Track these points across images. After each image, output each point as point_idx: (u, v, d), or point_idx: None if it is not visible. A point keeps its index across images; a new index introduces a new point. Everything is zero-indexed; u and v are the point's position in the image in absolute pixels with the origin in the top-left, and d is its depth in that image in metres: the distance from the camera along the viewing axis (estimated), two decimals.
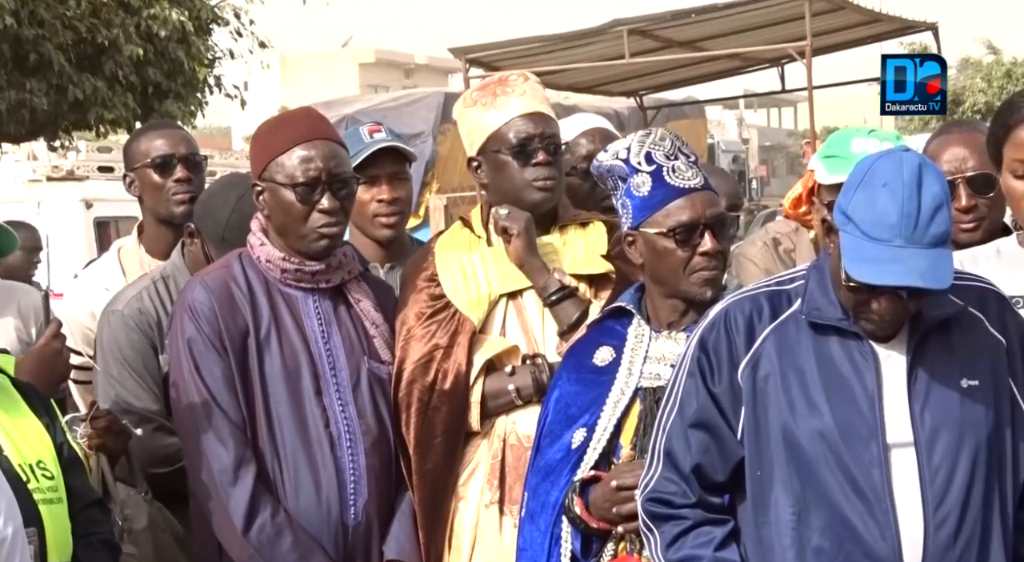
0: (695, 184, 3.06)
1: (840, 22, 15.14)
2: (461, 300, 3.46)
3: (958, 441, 2.65)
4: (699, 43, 15.51)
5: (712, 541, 2.76)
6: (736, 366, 2.76)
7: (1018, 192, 3.09)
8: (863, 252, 2.58)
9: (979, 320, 2.75)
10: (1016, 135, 3.09)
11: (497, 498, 3.42)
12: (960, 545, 2.62)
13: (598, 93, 17.53)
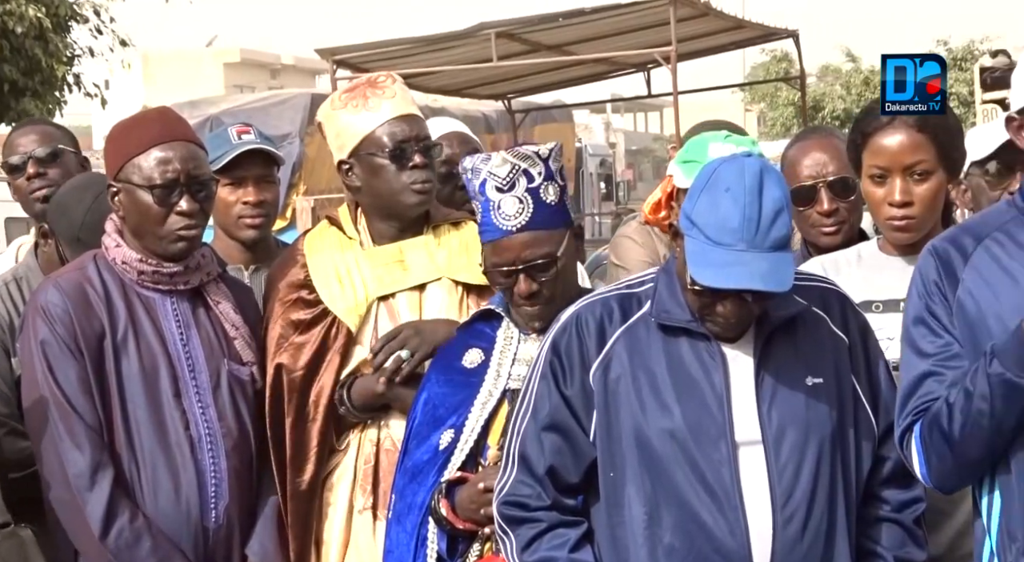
0: (514, 226, 3.03)
1: (704, 28, 15.33)
2: (338, 306, 3.44)
3: (804, 438, 2.70)
4: (567, 47, 15.59)
5: (567, 542, 2.77)
6: (588, 368, 2.78)
7: (877, 197, 3.15)
8: (707, 256, 2.62)
9: (822, 319, 2.80)
10: (874, 142, 3.15)
11: (371, 504, 3.41)
12: (807, 539, 2.68)
13: (466, 96, 17.53)
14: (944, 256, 2.69)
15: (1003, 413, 2.54)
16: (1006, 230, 2.67)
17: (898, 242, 3.17)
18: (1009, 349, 2.52)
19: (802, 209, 3.63)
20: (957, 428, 2.58)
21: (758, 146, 2.99)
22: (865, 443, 2.79)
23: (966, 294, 2.64)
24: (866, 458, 2.79)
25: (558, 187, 3.07)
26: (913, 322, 2.72)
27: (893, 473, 2.82)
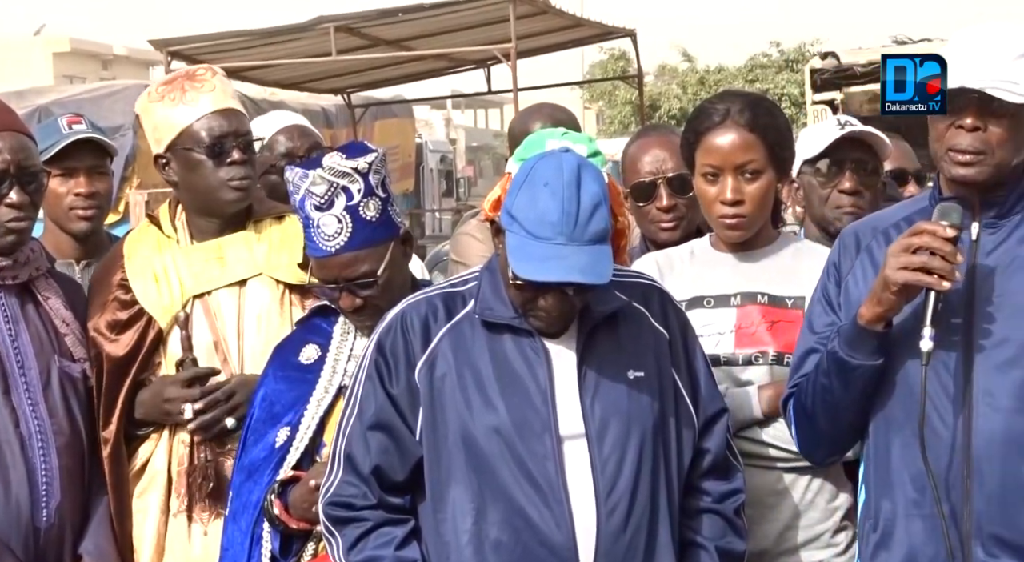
0: (333, 247, 3.01)
1: (543, 26, 15.45)
2: (153, 305, 3.40)
3: (626, 431, 2.75)
4: (407, 42, 15.56)
5: (393, 541, 2.78)
6: (413, 367, 2.79)
7: (709, 195, 3.21)
8: (527, 250, 2.65)
9: (643, 314, 2.86)
10: (707, 141, 3.21)
11: (185, 507, 3.37)
12: (630, 530, 2.72)
13: (305, 90, 17.36)
14: (848, 240, 2.86)
15: (840, 390, 2.72)
16: (910, 219, 2.80)
17: (729, 239, 3.24)
18: (846, 328, 2.70)
19: (641, 205, 3.69)
20: (810, 402, 2.79)
21: (595, 143, 3.02)
22: (686, 435, 2.85)
23: (854, 276, 2.81)
24: (687, 450, 2.85)
25: (379, 201, 3.04)
26: (813, 300, 2.91)
27: (713, 465, 2.89)
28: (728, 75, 32.77)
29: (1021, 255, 2.70)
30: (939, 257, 2.57)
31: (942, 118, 2.68)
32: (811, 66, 15.78)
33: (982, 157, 2.65)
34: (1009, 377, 2.63)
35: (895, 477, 2.72)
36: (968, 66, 2.63)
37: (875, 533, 2.77)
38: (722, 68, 33.81)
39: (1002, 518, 2.63)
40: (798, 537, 3.10)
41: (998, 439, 2.62)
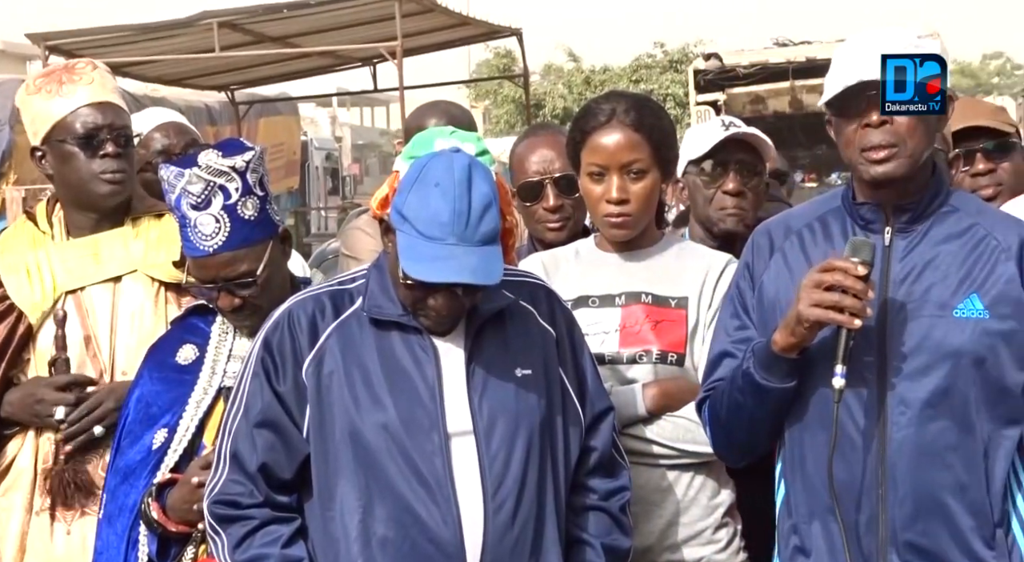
0: (211, 247, 2.97)
1: (430, 24, 15.41)
2: (24, 300, 3.35)
3: (514, 428, 2.76)
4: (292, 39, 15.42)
5: (279, 539, 2.75)
6: (300, 364, 2.77)
7: (595, 195, 3.22)
8: (418, 250, 2.65)
9: (531, 313, 2.87)
10: (593, 140, 3.22)
11: (48, 505, 3.32)
12: (518, 526, 2.73)
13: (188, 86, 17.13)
14: (760, 241, 2.86)
15: (754, 408, 2.74)
16: (823, 219, 2.82)
17: (614, 238, 3.25)
18: (761, 350, 2.70)
19: (529, 204, 3.69)
20: (724, 413, 2.81)
21: (483, 142, 3.02)
22: (573, 433, 2.86)
23: (769, 279, 2.82)
24: (574, 448, 2.86)
25: (258, 200, 3.00)
26: (725, 302, 2.91)
27: (599, 463, 2.90)
28: (613, 75, 33.00)
29: (933, 260, 2.71)
30: (851, 295, 2.58)
31: (847, 122, 2.70)
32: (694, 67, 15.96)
33: (896, 150, 2.67)
34: (922, 384, 2.66)
35: (811, 482, 2.74)
36: (864, 63, 2.66)
37: (795, 534, 2.78)
38: (607, 68, 34.05)
39: (916, 525, 2.66)
40: (680, 534, 3.12)
41: (912, 448, 2.65)
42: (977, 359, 2.65)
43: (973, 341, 2.65)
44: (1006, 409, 2.68)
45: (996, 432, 2.67)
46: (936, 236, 2.73)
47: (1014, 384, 2.67)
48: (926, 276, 2.70)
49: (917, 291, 2.69)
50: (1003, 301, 2.67)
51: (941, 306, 2.67)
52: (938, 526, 2.65)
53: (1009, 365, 2.66)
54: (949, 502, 2.65)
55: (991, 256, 2.70)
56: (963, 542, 2.66)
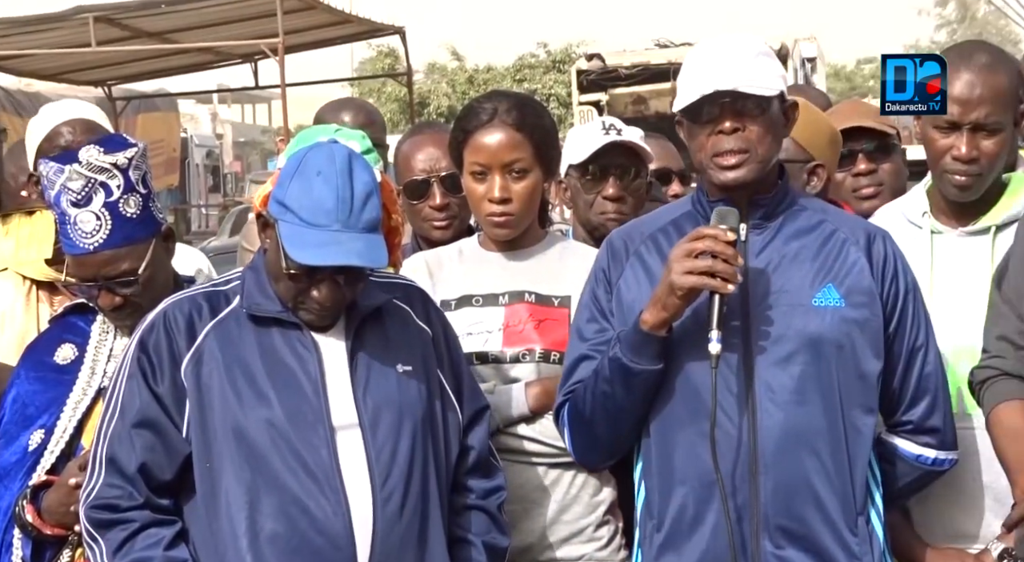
0: (91, 245, 2.93)
1: (312, 21, 15.33)
2: None
3: (399, 421, 2.77)
4: (170, 35, 15.23)
5: (161, 541, 2.73)
6: (178, 364, 2.76)
7: (477, 194, 3.23)
8: (303, 237, 2.66)
9: (407, 312, 2.89)
10: (475, 139, 3.22)
11: None
12: (406, 517, 2.74)
13: (63, 81, 16.83)
14: (616, 246, 2.90)
15: (622, 396, 2.77)
16: (676, 223, 2.88)
17: (497, 238, 3.26)
18: (628, 334, 2.75)
19: (414, 203, 3.68)
20: (588, 409, 2.82)
21: (367, 140, 3.01)
22: (452, 432, 2.88)
23: (626, 282, 2.86)
24: (454, 446, 2.88)
25: (140, 197, 2.96)
26: (580, 306, 2.94)
27: (477, 462, 2.92)
28: (497, 74, 33.07)
29: (788, 253, 2.79)
30: (721, 261, 2.64)
31: (700, 128, 2.76)
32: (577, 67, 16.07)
33: (746, 156, 2.74)
34: (788, 372, 2.73)
35: (681, 475, 2.77)
36: (715, 71, 2.72)
37: (659, 533, 2.80)
38: (491, 67, 34.12)
39: (787, 510, 2.72)
40: (562, 532, 3.14)
41: (781, 434, 2.71)
42: (837, 346, 2.73)
43: (832, 328, 2.73)
44: (863, 397, 2.77)
45: (856, 419, 2.75)
46: (789, 231, 2.82)
47: (870, 371, 2.77)
48: (783, 268, 2.77)
49: (776, 283, 2.76)
50: (857, 291, 2.76)
51: (800, 296, 2.75)
52: (809, 511, 2.72)
53: (865, 352, 2.76)
54: (818, 487, 2.72)
55: (842, 248, 2.80)
56: (832, 527, 2.73)
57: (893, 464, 2.88)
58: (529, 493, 3.11)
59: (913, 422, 2.87)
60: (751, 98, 2.73)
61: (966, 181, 3.01)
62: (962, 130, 2.99)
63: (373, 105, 4.53)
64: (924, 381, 2.86)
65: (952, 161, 3.01)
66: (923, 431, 2.87)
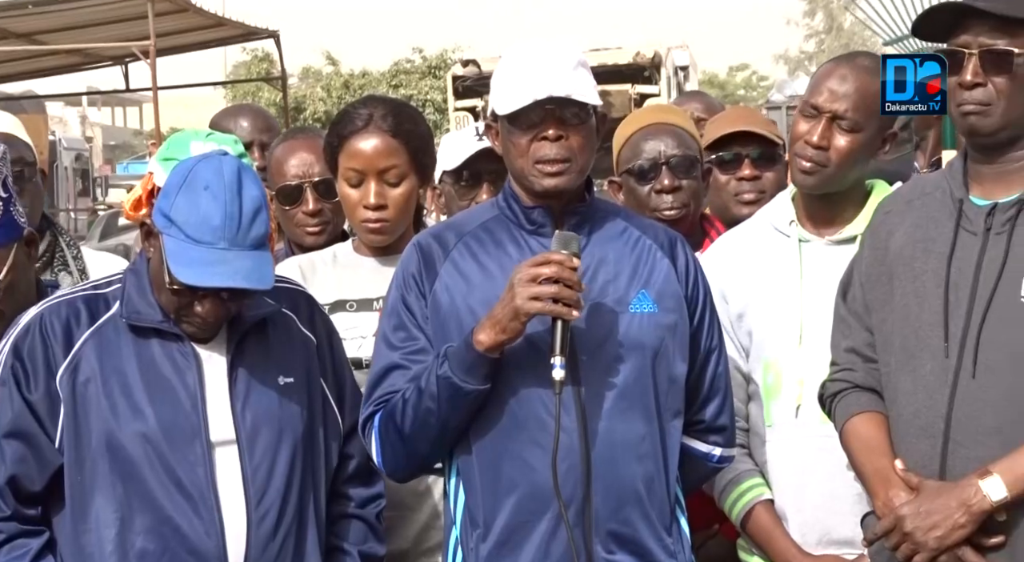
0: None
1: (184, 24, 15.15)
2: None
3: (277, 437, 2.74)
4: (38, 36, 14.94)
5: (28, 553, 2.68)
6: (54, 372, 2.70)
7: (353, 200, 3.22)
8: (188, 254, 2.61)
9: (292, 320, 2.85)
10: (350, 145, 3.22)
11: None
12: (280, 536, 2.71)
13: None
14: (426, 250, 2.81)
15: (448, 413, 2.69)
16: (487, 227, 2.82)
17: (372, 243, 3.26)
18: (459, 353, 2.66)
19: (288, 208, 3.65)
20: (408, 424, 2.71)
21: (240, 145, 2.99)
22: (332, 442, 2.86)
23: (442, 288, 2.77)
24: (334, 456, 2.86)
25: (1, 201, 2.88)
26: (387, 313, 2.82)
27: (357, 471, 2.90)
28: (372, 80, 32.95)
29: (603, 260, 2.79)
30: (566, 287, 2.61)
31: (522, 133, 2.74)
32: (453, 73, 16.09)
33: (568, 165, 2.73)
34: (613, 378, 2.72)
35: (510, 485, 2.72)
36: (538, 79, 2.70)
37: (486, 542, 2.74)
38: (367, 72, 33.99)
39: (617, 516, 2.72)
40: (436, 538, 3.13)
41: (610, 440, 2.71)
42: (655, 351, 2.75)
43: (650, 334, 2.75)
44: (675, 400, 2.80)
45: (669, 423, 2.79)
46: (600, 238, 2.81)
47: (679, 375, 2.80)
48: (600, 275, 2.77)
49: (594, 289, 2.75)
50: (666, 295, 2.79)
51: (618, 302, 2.76)
52: (636, 515, 2.74)
53: (676, 357, 2.79)
54: (643, 491, 2.74)
55: (649, 254, 2.82)
56: (653, 528, 2.75)
57: (684, 463, 2.88)
58: (404, 499, 3.11)
59: (705, 421, 2.89)
60: (575, 107, 2.72)
61: (810, 167, 3.07)
62: (821, 117, 3.07)
63: (269, 113, 4.49)
64: (716, 381, 2.89)
65: (803, 145, 3.08)
66: (713, 430, 2.90)
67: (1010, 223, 2.69)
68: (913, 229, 2.81)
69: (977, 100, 2.69)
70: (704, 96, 5.19)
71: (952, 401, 2.68)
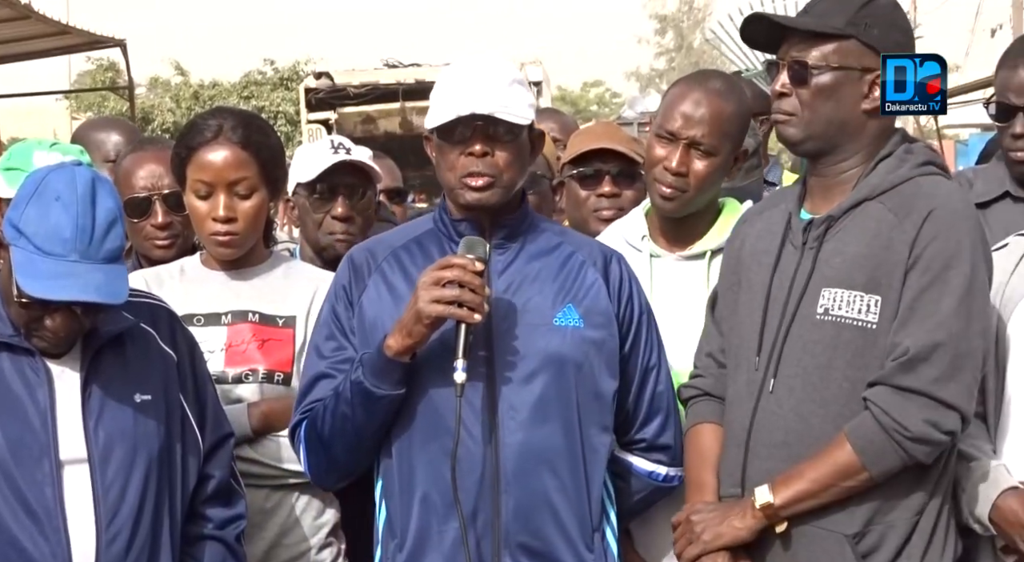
0: None
1: (27, 31, 14.77)
2: None
3: (132, 456, 2.69)
4: None
5: None
6: None
7: (201, 212, 3.17)
8: (36, 267, 2.55)
9: (151, 335, 2.80)
10: (199, 157, 3.17)
11: None
12: (132, 558, 2.66)
13: None
14: (357, 262, 2.87)
15: (364, 419, 2.73)
16: (419, 242, 2.87)
17: (221, 257, 3.21)
18: (371, 359, 2.71)
19: (136, 221, 3.57)
20: (327, 429, 2.76)
21: (86, 155, 2.92)
22: (191, 461, 2.81)
23: (368, 299, 2.82)
24: (192, 476, 2.81)
25: None
26: (319, 323, 2.89)
27: (217, 490, 2.86)
28: (223, 91, 32.53)
29: (530, 273, 2.83)
30: (469, 290, 2.65)
31: (451, 148, 2.78)
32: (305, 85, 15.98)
33: (493, 180, 2.77)
34: (529, 390, 2.75)
35: (422, 494, 2.76)
36: (472, 94, 2.74)
37: (402, 552, 2.78)
38: (217, 83, 33.54)
39: (527, 528, 2.74)
40: (283, 555, 3.11)
41: (522, 452, 2.73)
42: (576, 365, 2.78)
43: (572, 348, 2.78)
44: (600, 416, 2.82)
45: (593, 438, 2.81)
46: (530, 252, 2.86)
47: (606, 391, 2.83)
48: (525, 288, 2.81)
49: (519, 302, 2.80)
50: (594, 311, 2.83)
51: (542, 315, 2.79)
52: (549, 528, 2.76)
53: (602, 372, 2.82)
54: (557, 504, 2.76)
55: (580, 270, 2.86)
56: (571, 543, 2.78)
57: (627, 481, 2.95)
58: (251, 516, 3.06)
59: (646, 440, 2.95)
60: (504, 124, 2.76)
61: (670, 193, 3.13)
62: (678, 143, 3.12)
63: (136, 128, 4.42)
64: (657, 400, 2.94)
65: (662, 171, 3.13)
66: (656, 448, 2.95)
67: (819, 239, 2.77)
68: (755, 240, 2.90)
69: (784, 110, 2.81)
70: (559, 115, 5.23)
71: (754, 413, 2.77)
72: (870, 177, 2.78)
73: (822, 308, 2.71)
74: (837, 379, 2.70)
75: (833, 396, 2.70)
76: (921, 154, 2.83)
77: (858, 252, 2.71)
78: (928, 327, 2.64)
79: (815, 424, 2.70)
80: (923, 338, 2.64)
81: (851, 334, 2.69)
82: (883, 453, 2.64)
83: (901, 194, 2.74)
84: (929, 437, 2.64)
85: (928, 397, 2.63)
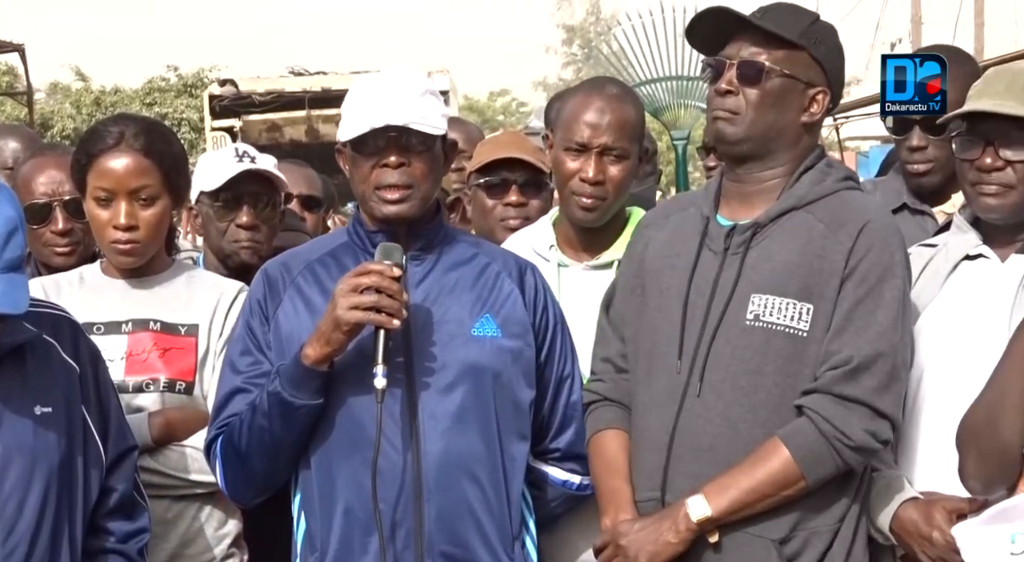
0: None
1: None
2: None
3: (30, 470, 2.63)
4: None
5: None
6: None
7: (102, 220, 3.13)
8: None
9: (53, 346, 2.75)
10: (100, 164, 3.13)
11: None
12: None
13: None
14: (272, 277, 2.86)
15: (281, 430, 2.72)
16: (334, 254, 2.87)
17: (122, 265, 3.17)
18: (289, 369, 2.71)
19: (35, 227, 3.51)
20: (244, 443, 2.75)
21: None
22: (93, 474, 2.76)
23: (284, 313, 2.82)
24: (94, 489, 2.76)
25: None
26: (234, 340, 2.88)
27: (120, 504, 2.81)
28: (125, 97, 32.13)
29: (447, 284, 2.84)
30: (387, 296, 2.65)
31: (365, 160, 2.78)
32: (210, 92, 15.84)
33: (410, 192, 2.78)
34: (450, 399, 2.76)
35: (345, 506, 2.74)
36: (385, 105, 2.75)
37: None
38: (119, 89, 33.12)
39: (450, 536, 2.74)
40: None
41: (443, 461, 2.73)
42: (495, 375, 2.80)
43: (491, 358, 2.80)
44: (518, 425, 2.84)
45: (511, 446, 2.83)
46: (446, 262, 2.87)
47: (523, 400, 2.85)
48: (443, 299, 2.82)
49: (437, 313, 2.80)
50: (512, 321, 2.85)
51: (460, 325, 2.80)
52: (471, 536, 2.76)
53: (520, 382, 2.84)
54: (479, 513, 2.77)
55: (496, 280, 2.88)
56: (492, 551, 2.78)
57: (543, 490, 2.97)
58: (152, 527, 3.02)
59: (561, 449, 2.96)
60: (418, 135, 2.76)
61: (591, 203, 3.16)
62: (590, 153, 3.14)
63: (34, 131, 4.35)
64: (571, 409, 2.96)
65: (580, 183, 3.15)
66: (570, 457, 2.97)
67: (744, 245, 2.79)
68: (665, 244, 2.92)
69: (728, 107, 2.82)
70: (464, 125, 5.24)
71: (678, 417, 2.78)
72: (795, 187, 2.81)
73: (752, 314, 2.73)
74: (767, 385, 2.72)
75: (762, 402, 2.72)
76: (841, 169, 2.89)
77: (789, 260, 2.74)
78: (869, 337, 2.68)
79: (743, 429, 2.72)
80: (865, 348, 2.68)
81: (782, 341, 2.72)
82: (821, 461, 2.68)
83: (828, 206, 2.79)
84: (868, 446, 2.68)
85: (868, 407, 2.67)
